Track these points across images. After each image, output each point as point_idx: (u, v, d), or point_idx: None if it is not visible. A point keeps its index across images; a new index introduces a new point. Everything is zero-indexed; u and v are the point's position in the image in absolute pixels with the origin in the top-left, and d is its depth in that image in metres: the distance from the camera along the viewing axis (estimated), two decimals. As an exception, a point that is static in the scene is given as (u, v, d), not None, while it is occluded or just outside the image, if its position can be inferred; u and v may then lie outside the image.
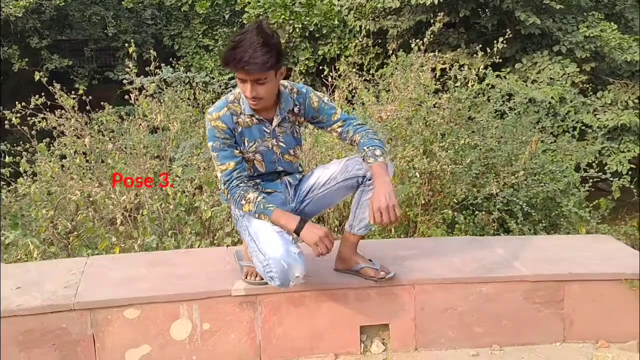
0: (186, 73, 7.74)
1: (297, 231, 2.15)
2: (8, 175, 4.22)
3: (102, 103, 4.65)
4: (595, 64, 6.90)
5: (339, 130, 2.36)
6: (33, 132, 4.32)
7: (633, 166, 6.44)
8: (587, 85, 6.75)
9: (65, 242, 3.66)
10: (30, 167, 4.02)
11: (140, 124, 4.23)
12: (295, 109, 2.30)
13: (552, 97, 6.11)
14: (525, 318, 2.45)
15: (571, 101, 6.01)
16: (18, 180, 3.69)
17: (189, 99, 5.92)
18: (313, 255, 2.16)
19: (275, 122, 2.27)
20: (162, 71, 7.15)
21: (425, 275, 2.48)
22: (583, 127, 5.89)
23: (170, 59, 8.39)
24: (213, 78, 8.31)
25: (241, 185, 2.22)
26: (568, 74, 6.37)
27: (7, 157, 4.07)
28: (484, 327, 2.44)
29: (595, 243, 2.91)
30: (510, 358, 2.37)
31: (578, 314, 2.46)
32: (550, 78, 6.45)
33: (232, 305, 2.33)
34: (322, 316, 2.40)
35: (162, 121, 4.09)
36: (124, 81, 7.37)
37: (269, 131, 2.27)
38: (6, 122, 4.41)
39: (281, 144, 2.32)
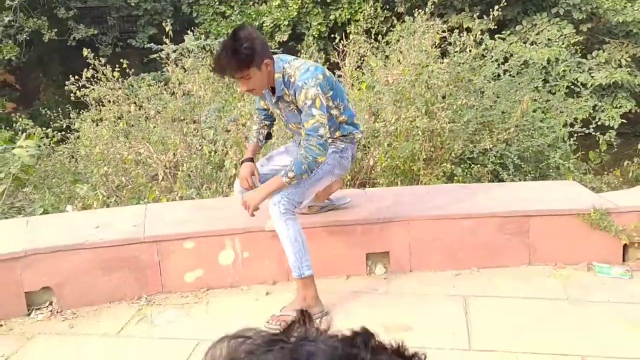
0: (205, 40, 8.28)
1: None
2: (52, 138, 4.84)
3: (128, 70, 5.12)
4: (592, 24, 7.28)
5: (294, 127, 2.77)
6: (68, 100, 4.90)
7: (624, 121, 6.92)
8: (583, 46, 7.15)
9: (117, 195, 4.33)
10: (77, 132, 4.65)
11: (176, 92, 4.80)
12: (287, 97, 2.63)
13: (548, 58, 6.57)
14: (498, 246, 3.07)
15: (564, 61, 6.47)
16: (81, 142, 4.32)
17: (210, 65, 6.43)
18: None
19: (274, 98, 2.70)
20: (185, 39, 7.71)
21: (418, 213, 3.09)
22: (578, 86, 6.35)
23: (189, 27, 8.89)
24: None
25: None
26: (565, 35, 6.78)
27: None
28: (465, 253, 3.07)
29: (562, 187, 3.50)
30: (485, 277, 3.00)
31: (541, 242, 3.07)
32: (548, 39, 6.88)
33: (265, 238, 2.97)
34: (335, 246, 3.04)
35: (197, 90, 4.64)
36: (152, 49, 7.94)
37: (273, 102, 2.74)
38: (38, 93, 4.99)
39: (283, 115, 2.79)
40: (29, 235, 2.96)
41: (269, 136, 3.05)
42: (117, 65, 4.71)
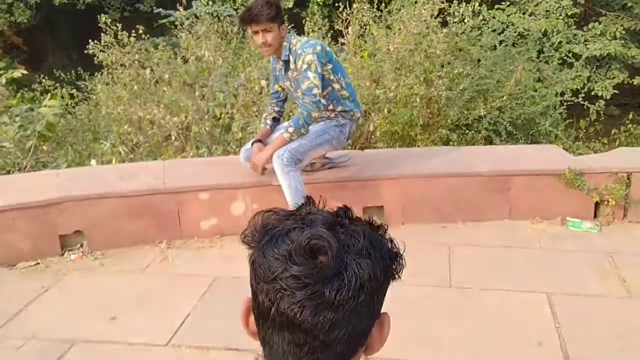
0: (212, 6, 8.48)
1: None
2: (75, 99, 5.15)
3: (141, 35, 5.40)
4: (590, -4, 7.47)
5: (300, 94, 3.08)
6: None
7: (616, 92, 7.19)
8: (580, 18, 7.35)
9: (135, 152, 4.66)
10: (89, 93, 4.94)
11: (187, 57, 5.08)
12: (291, 65, 3.05)
13: (545, 29, 6.80)
14: (481, 202, 3.41)
15: (559, 32, 6.70)
16: (103, 103, 4.64)
17: (217, 31, 6.68)
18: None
19: (283, 68, 3.11)
20: (193, 5, 7.93)
21: (410, 172, 3.43)
22: (571, 58, 6.60)
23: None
24: (236, 10, 8.98)
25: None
26: (563, 6, 6.98)
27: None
28: (451, 208, 3.41)
29: (543, 151, 3.82)
30: (469, 229, 3.35)
31: (520, 199, 3.41)
32: (546, 10, 7.07)
33: (273, 192, 3.30)
34: (334, 200, 3.36)
35: (209, 56, 4.92)
36: (160, 14, 8.15)
37: (283, 73, 3.14)
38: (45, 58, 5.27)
39: (292, 84, 3.12)
40: (61, 185, 3.31)
41: (276, 120, 3.39)
42: (132, 31, 4.98)
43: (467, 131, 5.31)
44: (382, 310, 0.81)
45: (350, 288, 0.73)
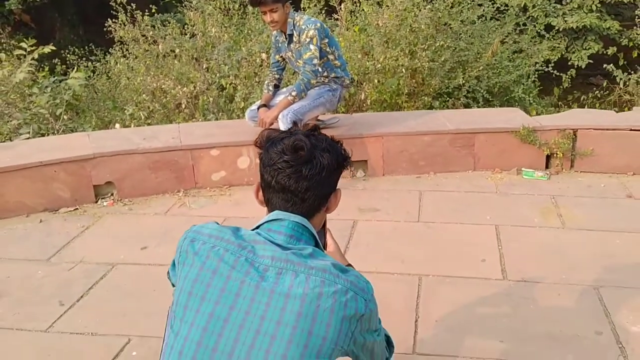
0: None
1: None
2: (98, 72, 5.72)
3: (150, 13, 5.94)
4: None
5: (300, 63, 3.66)
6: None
7: (591, 61, 7.73)
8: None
9: (151, 118, 5.25)
10: (105, 65, 5.48)
11: (195, 33, 5.63)
12: (295, 38, 3.64)
13: (525, 4, 7.31)
14: (450, 156, 4.01)
15: (537, 6, 7.22)
16: (124, 75, 5.21)
17: (220, 7, 7.18)
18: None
19: (287, 40, 3.67)
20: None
21: (390, 130, 4.02)
22: (548, 31, 7.10)
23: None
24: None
25: None
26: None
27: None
28: (425, 161, 4.01)
29: (505, 113, 4.41)
30: (439, 179, 3.95)
31: (483, 153, 4.00)
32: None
33: (272, 148, 3.90)
34: (326, 155, 3.97)
35: (216, 32, 5.46)
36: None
37: (286, 45, 3.71)
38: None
39: (294, 54, 3.70)
40: (92, 144, 3.91)
41: (276, 87, 3.96)
42: (147, 10, 5.52)
43: (448, 98, 5.88)
44: (337, 188, 1.41)
45: (317, 169, 1.33)
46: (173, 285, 1.40)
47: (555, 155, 3.94)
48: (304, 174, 1.31)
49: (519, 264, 2.85)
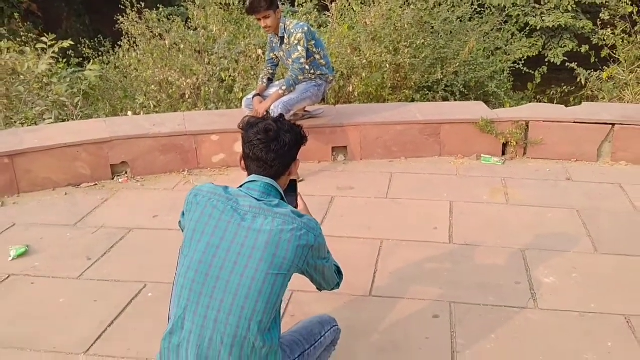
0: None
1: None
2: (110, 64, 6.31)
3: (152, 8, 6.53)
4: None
5: (290, 62, 4.23)
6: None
7: (566, 59, 8.31)
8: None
9: (158, 107, 5.84)
10: (114, 57, 6.07)
11: (198, 28, 6.20)
12: (286, 40, 4.21)
13: (504, 5, 7.88)
14: (420, 143, 4.61)
15: (517, 6, 7.79)
16: (135, 66, 5.80)
17: (220, 3, 7.72)
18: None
19: (279, 42, 4.25)
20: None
21: (368, 120, 4.62)
22: (524, 30, 7.68)
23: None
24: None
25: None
26: (522, -17, 8.04)
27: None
28: (397, 148, 4.61)
29: (470, 106, 5.01)
30: (409, 163, 4.56)
31: (448, 141, 4.60)
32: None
33: (265, 134, 4.50)
34: (311, 141, 4.50)
35: (218, 28, 6.03)
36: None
37: (279, 46, 4.29)
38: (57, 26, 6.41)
39: (285, 54, 4.27)
40: (108, 128, 4.51)
41: (269, 80, 4.52)
42: (155, 8, 6.09)
43: (428, 92, 6.47)
44: (297, 159, 2.00)
45: (281, 144, 1.92)
46: (182, 231, 1.99)
47: (510, 143, 4.54)
48: (272, 148, 1.89)
49: (464, 231, 3.47)
